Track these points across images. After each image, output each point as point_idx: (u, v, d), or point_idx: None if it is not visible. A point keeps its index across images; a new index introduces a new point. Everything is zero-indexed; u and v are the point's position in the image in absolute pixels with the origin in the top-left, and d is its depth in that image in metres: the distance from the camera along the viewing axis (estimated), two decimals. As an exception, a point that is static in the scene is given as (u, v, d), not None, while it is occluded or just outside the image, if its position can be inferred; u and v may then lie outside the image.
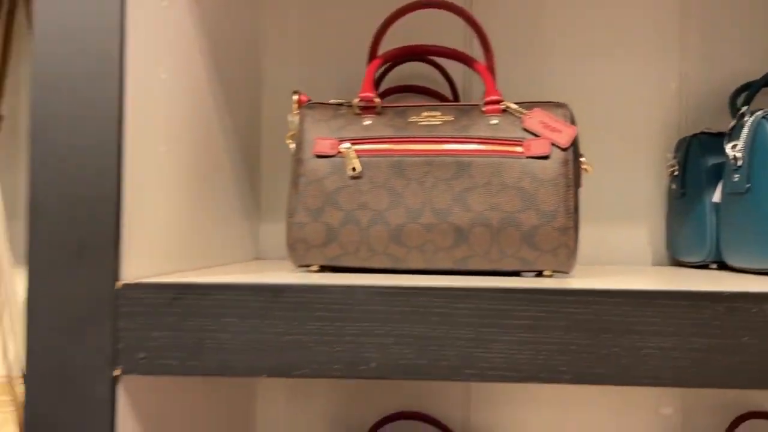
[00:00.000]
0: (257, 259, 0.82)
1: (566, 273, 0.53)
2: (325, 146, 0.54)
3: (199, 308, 0.42)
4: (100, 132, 0.42)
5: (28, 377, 0.42)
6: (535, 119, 0.52)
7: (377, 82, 0.76)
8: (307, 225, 0.53)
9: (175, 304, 0.42)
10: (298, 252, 0.53)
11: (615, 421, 0.81)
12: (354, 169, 0.52)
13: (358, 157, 0.53)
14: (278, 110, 0.82)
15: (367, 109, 0.55)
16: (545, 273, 0.52)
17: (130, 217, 0.44)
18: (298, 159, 0.54)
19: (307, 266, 0.55)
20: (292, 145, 0.58)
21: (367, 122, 0.55)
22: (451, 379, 0.41)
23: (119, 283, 0.42)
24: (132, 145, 0.44)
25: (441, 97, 0.78)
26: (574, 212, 0.51)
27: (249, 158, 0.78)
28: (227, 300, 0.42)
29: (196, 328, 0.42)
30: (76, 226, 0.42)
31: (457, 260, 0.51)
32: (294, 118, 0.58)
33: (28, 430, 0.42)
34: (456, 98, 0.78)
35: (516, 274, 0.53)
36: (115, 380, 0.42)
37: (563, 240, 0.50)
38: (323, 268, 0.54)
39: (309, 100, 0.58)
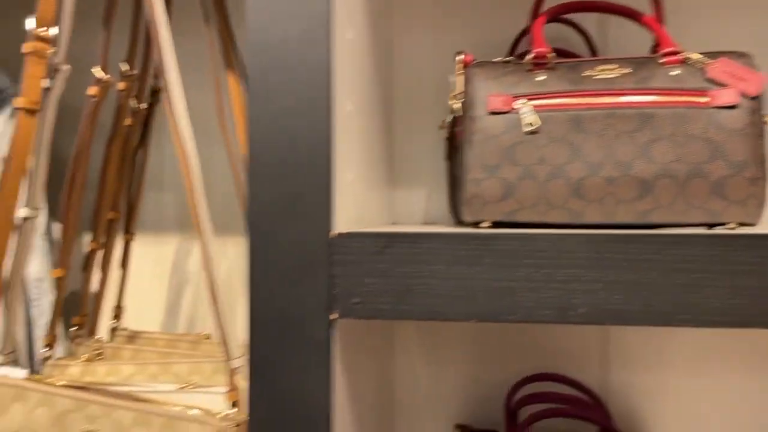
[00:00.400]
0: (394, 224, 0.84)
1: (753, 225, 0.52)
2: (498, 103, 0.54)
3: (409, 256, 0.44)
4: (313, 90, 0.44)
5: (250, 322, 0.45)
6: (720, 68, 0.51)
7: (513, 47, 0.76)
8: (484, 181, 0.54)
9: (386, 252, 0.44)
10: (473, 207, 0.54)
11: (757, 385, 0.79)
12: (531, 124, 0.53)
13: (535, 112, 0.53)
14: (407, 78, 0.84)
15: (539, 65, 0.56)
16: (729, 226, 0.51)
17: (337, 170, 0.46)
18: (470, 117, 0.55)
19: (478, 223, 0.56)
20: (457, 105, 0.59)
21: (541, 78, 0.55)
22: (663, 324, 0.41)
23: (333, 233, 0.44)
24: (337, 101, 0.46)
25: (578, 58, 0.77)
26: (763, 162, 0.50)
27: (386, 124, 0.80)
28: (436, 248, 0.43)
29: (406, 275, 0.44)
30: (290, 180, 0.45)
31: (640, 213, 0.51)
32: (457, 78, 0.59)
33: (252, 371, 0.45)
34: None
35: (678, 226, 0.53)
36: (331, 324, 0.45)
37: (753, 190, 0.49)
38: (496, 224, 0.55)
39: (473, 60, 0.58)
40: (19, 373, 0.54)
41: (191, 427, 0.50)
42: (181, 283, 0.90)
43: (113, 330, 0.75)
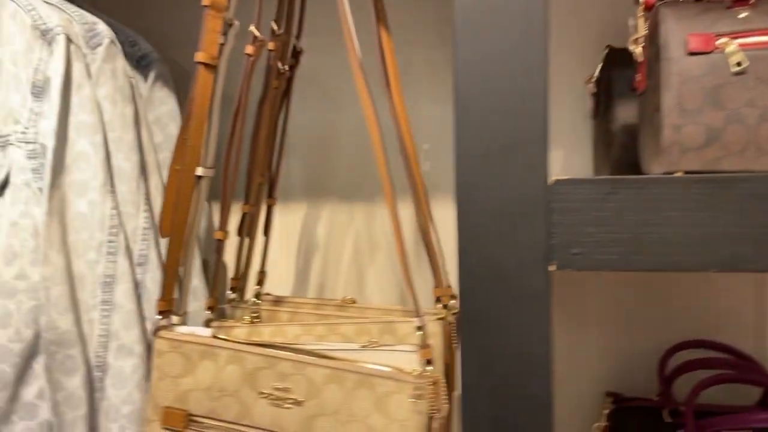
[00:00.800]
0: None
1: None
2: (699, 43, 0.50)
3: (637, 202, 0.41)
4: (529, 27, 0.42)
5: (462, 276, 0.43)
6: None
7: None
8: (684, 127, 0.50)
9: (610, 199, 0.41)
10: (671, 156, 0.51)
11: None
12: (739, 64, 0.49)
13: (741, 50, 0.49)
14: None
15: (740, 1, 0.51)
16: None
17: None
18: (665, 59, 0.51)
19: (670, 173, 0.52)
20: (638, 50, 0.55)
21: (743, 14, 0.50)
22: None
23: (551, 179, 0.42)
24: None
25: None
26: None
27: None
28: (668, 193, 0.41)
29: (634, 223, 0.41)
30: (503, 124, 0.42)
31: None
32: (639, 21, 0.55)
33: (464, 326, 0.43)
34: None
35: None
36: (549, 275, 0.42)
37: None
38: (688, 174, 0.51)
39: (658, 0, 0.55)
40: (205, 332, 0.54)
41: (387, 384, 0.49)
42: (309, 250, 0.90)
43: (257, 295, 0.75)
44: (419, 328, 0.51)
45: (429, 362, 0.49)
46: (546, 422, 0.42)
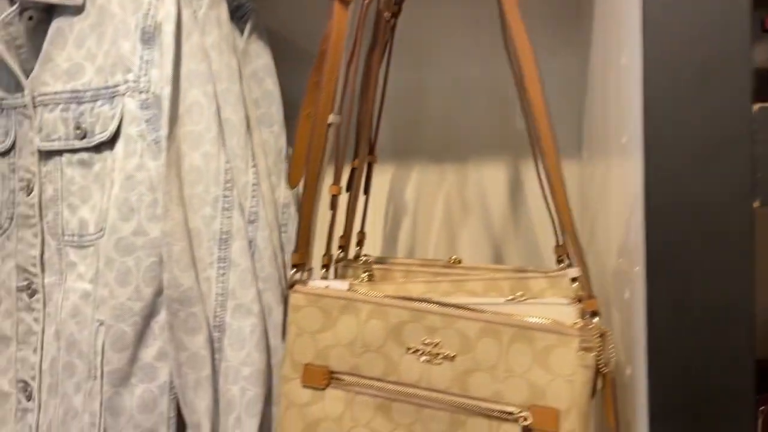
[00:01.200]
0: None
1: None
2: None
3: None
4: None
5: (647, 214, 0.40)
6: None
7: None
8: None
9: (825, 126, 0.37)
10: None
11: None
12: None
13: None
14: None
15: None
16: None
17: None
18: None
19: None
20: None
21: None
22: None
23: (756, 106, 0.38)
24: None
25: None
26: None
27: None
28: None
29: None
30: (700, 44, 0.38)
31: None
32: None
33: (651, 269, 0.40)
34: None
35: None
36: (753, 213, 0.39)
37: None
38: None
39: None
40: (342, 285, 0.51)
41: (548, 338, 0.45)
42: (399, 212, 0.87)
43: (356, 256, 0.72)
44: (575, 280, 0.48)
45: (595, 314, 0.46)
46: (747, 381, 0.38)
